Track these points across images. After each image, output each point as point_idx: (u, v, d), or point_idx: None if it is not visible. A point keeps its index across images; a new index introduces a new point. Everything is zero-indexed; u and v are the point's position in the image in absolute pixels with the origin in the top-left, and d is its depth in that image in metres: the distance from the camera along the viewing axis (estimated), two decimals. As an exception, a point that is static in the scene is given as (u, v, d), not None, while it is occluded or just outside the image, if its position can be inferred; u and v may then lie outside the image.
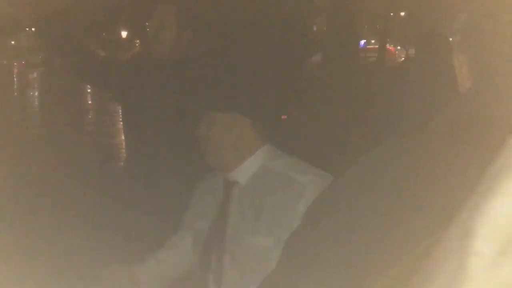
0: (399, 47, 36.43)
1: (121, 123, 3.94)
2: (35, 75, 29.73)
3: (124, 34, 30.22)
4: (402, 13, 27.76)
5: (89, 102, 19.18)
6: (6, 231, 4.46)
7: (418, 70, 3.27)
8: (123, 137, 3.82)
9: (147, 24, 2.87)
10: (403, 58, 30.95)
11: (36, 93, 22.49)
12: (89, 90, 19.08)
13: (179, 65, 2.42)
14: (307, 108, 9.00)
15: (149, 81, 2.51)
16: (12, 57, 35.09)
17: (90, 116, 15.96)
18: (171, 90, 2.40)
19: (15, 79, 27.90)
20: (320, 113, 8.80)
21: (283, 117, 8.94)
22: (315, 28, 17.83)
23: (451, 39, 3.23)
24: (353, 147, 6.05)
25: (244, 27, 9.12)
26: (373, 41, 33.37)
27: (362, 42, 27.50)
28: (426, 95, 2.98)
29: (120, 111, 3.27)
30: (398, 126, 3.14)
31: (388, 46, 27.79)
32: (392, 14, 23.00)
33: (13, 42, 37.96)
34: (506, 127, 0.55)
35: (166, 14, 2.50)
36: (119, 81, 2.59)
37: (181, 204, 1.83)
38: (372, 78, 13.02)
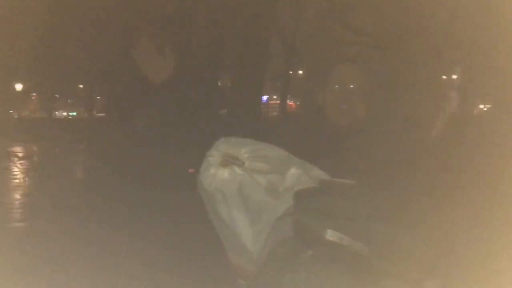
0: (298, 103, 38.51)
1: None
2: None
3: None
4: (300, 72, 29.69)
5: None
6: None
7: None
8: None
9: None
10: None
11: None
12: None
13: None
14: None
15: None
16: None
17: None
18: None
19: None
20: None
21: (190, 170, 9.29)
22: (219, 84, 18.64)
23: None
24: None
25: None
26: (274, 97, 34.98)
27: (265, 97, 28.88)
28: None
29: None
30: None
31: (288, 101, 29.39)
32: (291, 72, 24.54)
33: None
34: None
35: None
36: None
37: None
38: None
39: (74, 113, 47.71)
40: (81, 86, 32.75)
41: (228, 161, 1.39)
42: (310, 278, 1.04)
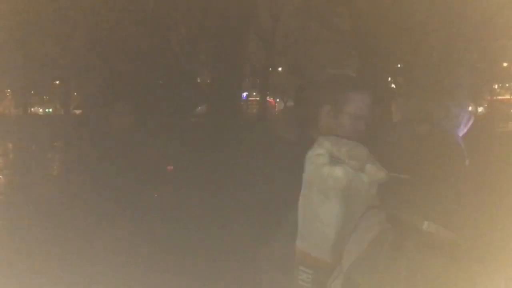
0: (277, 100, 38.63)
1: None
2: None
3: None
4: (280, 69, 29.77)
5: None
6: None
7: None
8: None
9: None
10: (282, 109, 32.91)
11: None
12: None
13: None
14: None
15: None
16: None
17: None
18: None
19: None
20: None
21: (168, 167, 9.24)
22: (198, 80, 18.56)
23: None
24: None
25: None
26: (254, 94, 35.04)
27: (244, 94, 28.88)
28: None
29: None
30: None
31: (268, 98, 29.46)
32: (270, 69, 24.61)
33: None
34: None
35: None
36: None
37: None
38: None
39: (50, 110, 47.02)
40: (57, 82, 32.26)
41: (335, 159, 1.45)
42: (411, 265, 1.14)
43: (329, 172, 1.43)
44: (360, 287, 1.24)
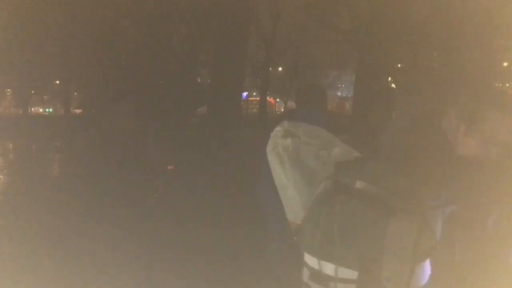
0: (278, 99, 38.64)
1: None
2: None
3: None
4: (280, 68, 29.79)
5: None
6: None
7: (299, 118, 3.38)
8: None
9: None
10: (282, 109, 32.91)
11: None
12: None
13: None
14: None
15: None
16: None
17: None
18: None
19: None
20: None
21: (169, 167, 9.26)
22: (199, 80, 18.55)
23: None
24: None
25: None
26: (254, 93, 35.04)
27: (244, 94, 28.88)
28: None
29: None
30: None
31: (268, 98, 29.45)
32: (271, 69, 24.62)
33: None
34: None
35: None
36: None
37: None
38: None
39: (50, 109, 47.01)
40: (57, 82, 32.27)
41: (289, 134, 1.81)
42: (343, 213, 1.45)
43: (280, 142, 1.79)
44: (312, 240, 1.51)
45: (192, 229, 5.42)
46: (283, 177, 1.79)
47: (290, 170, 1.76)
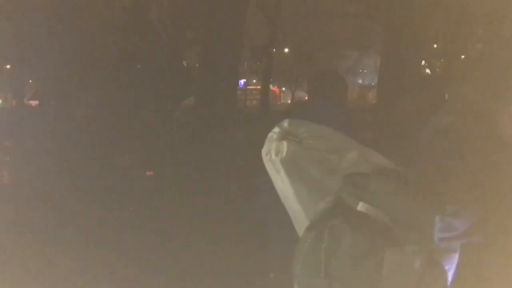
0: (284, 88, 38.67)
1: None
2: None
3: None
4: (286, 50, 29.76)
5: None
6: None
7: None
8: None
9: None
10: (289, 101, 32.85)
11: None
12: None
13: None
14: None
15: None
16: None
17: None
18: None
19: None
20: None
21: (148, 173, 9.29)
22: (184, 64, 18.46)
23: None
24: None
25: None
26: (254, 81, 35.09)
27: (242, 82, 28.91)
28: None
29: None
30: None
31: (271, 86, 29.47)
32: (275, 50, 24.57)
33: None
34: None
35: None
36: None
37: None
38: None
39: (-1, 101, 47.17)
40: (7, 66, 32.27)
41: (287, 136, 1.82)
42: (331, 241, 1.48)
43: (274, 146, 1.82)
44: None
45: (174, 249, 5.63)
46: (281, 187, 1.85)
47: (287, 179, 1.80)
